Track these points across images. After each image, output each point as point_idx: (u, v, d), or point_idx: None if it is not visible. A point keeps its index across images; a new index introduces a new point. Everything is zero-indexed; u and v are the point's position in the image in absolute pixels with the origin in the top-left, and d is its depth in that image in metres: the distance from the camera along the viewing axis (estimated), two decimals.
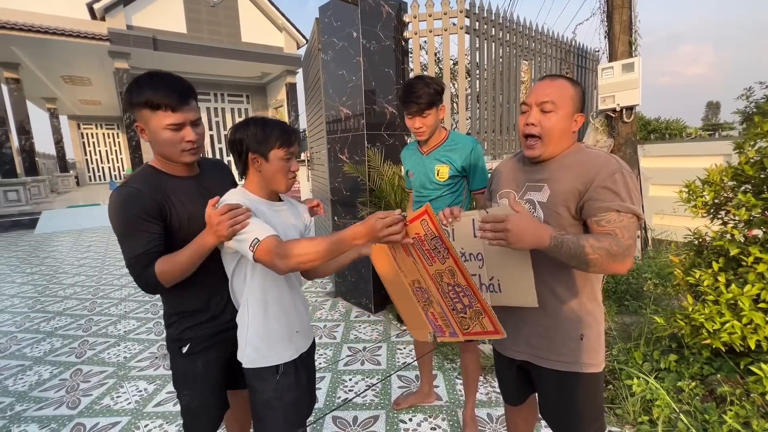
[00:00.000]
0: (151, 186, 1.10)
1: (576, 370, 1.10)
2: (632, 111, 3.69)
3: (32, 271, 5.18)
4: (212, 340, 1.23)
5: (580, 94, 1.08)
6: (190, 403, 1.25)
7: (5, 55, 9.06)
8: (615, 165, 1.02)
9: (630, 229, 0.97)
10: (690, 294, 2.03)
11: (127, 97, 1.07)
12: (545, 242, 0.94)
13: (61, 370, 2.61)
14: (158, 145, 1.09)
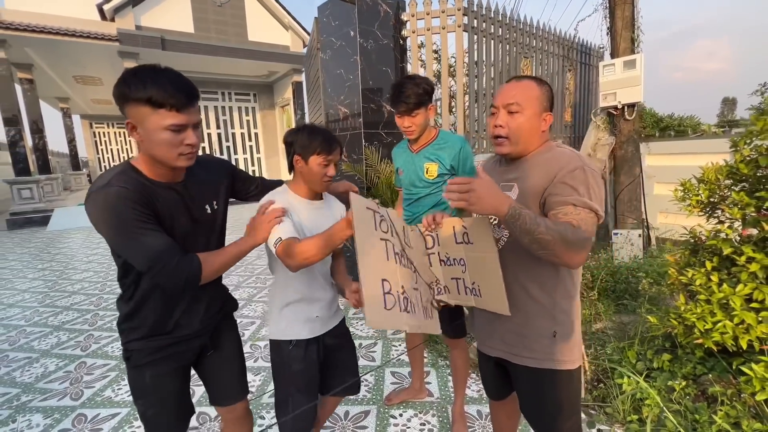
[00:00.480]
0: (138, 186, 0.99)
1: (548, 366, 1.12)
2: (634, 108, 3.65)
3: (43, 267, 5.32)
4: (159, 354, 1.14)
5: (548, 93, 1.10)
6: (146, 413, 1.19)
7: (19, 56, 9.27)
8: (577, 162, 1.03)
9: (587, 223, 0.96)
10: (683, 293, 2.02)
11: (123, 89, 0.94)
12: (503, 209, 0.94)
13: (67, 362, 2.69)
14: (153, 145, 0.97)
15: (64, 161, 17.45)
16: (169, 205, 1.05)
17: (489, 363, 1.33)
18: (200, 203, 1.15)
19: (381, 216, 1.10)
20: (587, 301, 3.00)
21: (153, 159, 1.01)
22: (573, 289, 1.14)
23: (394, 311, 0.99)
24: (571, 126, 4.78)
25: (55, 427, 2.02)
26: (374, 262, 1.02)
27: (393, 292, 1.02)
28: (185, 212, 1.10)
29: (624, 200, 3.86)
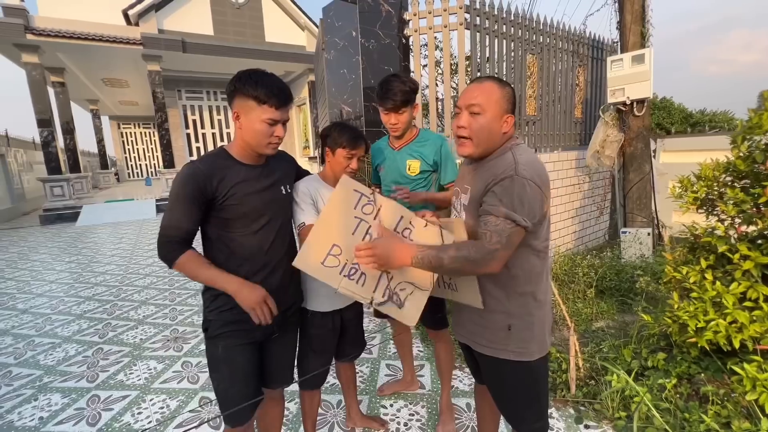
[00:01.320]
0: (215, 168, 1.18)
1: (503, 357, 1.16)
2: (643, 104, 3.57)
3: (70, 260, 5.64)
4: (230, 327, 1.26)
5: (509, 95, 1.12)
6: (218, 387, 1.29)
7: (52, 60, 9.80)
8: (509, 171, 1.02)
9: (501, 234, 0.99)
10: (677, 291, 1.99)
11: (238, 85, 1.15)
12: (407, 261, 1.06)
13: (85, 348, 2.88)
14: (250, 133, 1.18)
15: (93, 160, 18.28)
16: (249, 180, 1.24)
17: (464, 348, 1.39)
18: (277, 184, 1.33)
19: (369, 200, 1.22)
20: (588, 300, 2.98)
21: (246, 144, 1.23)
22: (529, 287, 1.15)
23: (332, 270, 1.17)
24: (581, 122, 4.69)
25: (71, 406, 2.18)
26: (334, 229, 1.18)
27: (339, 257, 1.18)
28: (267, 188, 1.29)
29: (633, 198, 3.78)
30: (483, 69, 3.45)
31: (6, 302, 3.96)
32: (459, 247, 1.02)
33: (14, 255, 6.13)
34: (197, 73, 12.28)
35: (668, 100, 13.61)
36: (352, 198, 1.21)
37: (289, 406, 2.08)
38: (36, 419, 2.08)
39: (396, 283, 1.23)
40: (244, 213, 1.23)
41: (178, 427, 1.96)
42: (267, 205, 1.28)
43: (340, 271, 1.18)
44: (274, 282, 1.30)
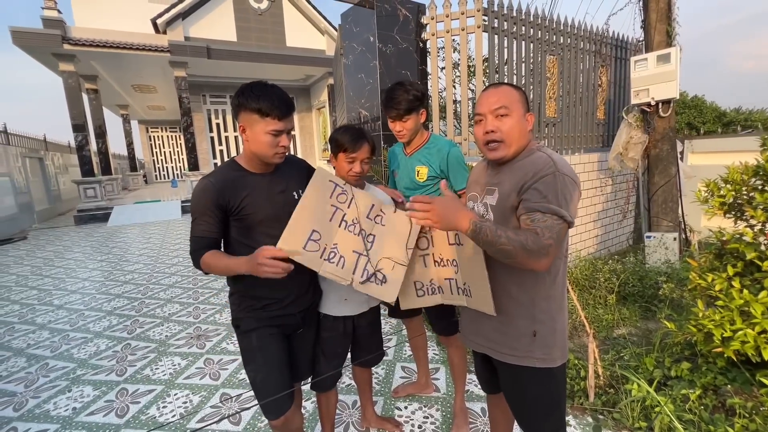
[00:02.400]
0: (227, 181, 1.26)
1: (527, 364, 1.15)
2: (669, 105, 3.46)
3: (102, 258, 5.92)
4: (264, 322, 1.34)
5: (524, 96, 1.16)
6: (255, 378, 1.33)
7: (86, 68, 10.31)
8: (549, 167, 1.04)
9: (552, 230, 0.98)
10: (702, 299, 1.92)
11: (241, 100, 1.21)
12: (464, 225, 1.01)
13: (115, 343, 3.02)
14: (256, 144, 1.23)
15: (123, 163, 19.07)
16: (260, 188, 1.31)
17: (477, 358, 1.38)
18: (289, 189, 1.37)
19: (342, 190, 1.32)
20: (609, 306, 2.90)
21: (253, 155, 1.28)
22: (554, 290, 1.16)
23: (313, 254, 1.24)
24: (603, 124, 4.58)
25: (102, 398, 2.30)
26: (311, 216, 1.26)
27: (319, 242, 1.25)
28: (278, 194, 1.34)
29: (658, 201, 3.66)
30: (501, 71, 3.43)
31: (44, 298, 4.20)
32: (517, 232, 0.99)
33: (51, 253, 6.48)
34: (221, 78, 12.64)
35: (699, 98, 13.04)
36: (327, 187, 1.31)
37: (305, 405, 2.13)
38: (70, 409, 2.21)
39: (377, 259, 1.31)
40: (259, 220, 1.29)
41: (201, 421, 2.04)
42: (281, 210, 1.30)
43: (320, 255, 1.25)
44: (296, 283, 1.37)
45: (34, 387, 2.46)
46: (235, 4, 11.40)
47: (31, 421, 2.13)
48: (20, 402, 2.31)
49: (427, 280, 1.36)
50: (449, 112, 3.60)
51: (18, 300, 4.18)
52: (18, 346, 3.07)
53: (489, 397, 1.52)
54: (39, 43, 8.63)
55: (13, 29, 8.38)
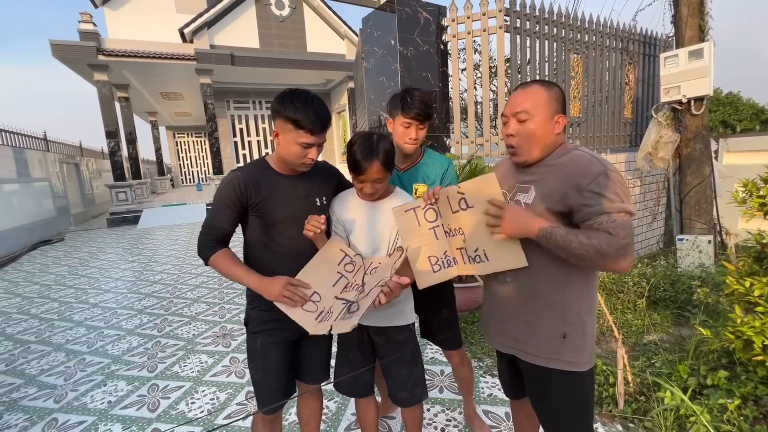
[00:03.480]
0: (252, 177, 1.29)
1: (556, 366, 1.12)
2: (702, 102, 3.32)
3: (132, 259, 6.16)
4: (268, 325, 1.37)
5: (557, 96, 1.10)
6: (254, 376, 1.42)
7: (118, 78, 10.81)
8: (599, 166, 1.03)
9: (624, 227, 0.96)
10: (740, 305, 1.83)
11: (280, 107, 1.22)
12: (534, 231, 1.03)
13: (146, 340, 3.14)
14: (286, 151, 1.27)
15: (152, 167, 19.83)
16: (284, 188, 1.33)
17: (503, 361, 1.35)
18: (312, 195, 1.39)
19: (351, 260, 1.36)
20: (638, 311, 2.81)
21: (282, 159, 1.32)
22: (586, 292, 1.13)
23: (308, 315, 1.26)
24: (631, 123, 4.44)
25: (134, 392, 2.40)
26: (317, 278, 1.31)
27: (318, 305, 1.29)
28: (300, 196, 1.36)
29: (691, 203, 3.52)
30: (523, 71, 3.38)
31: (80, 296, 4.41)
32: (589, 236, 0.97)
33: (86, 254, 6.80)
34: (244, 84, 12.99)
35: (735, 95, 12.44)
36: (337, 256, 1.36)
37: (329, 405, 2.15)
38: (105, 403, 2.31)
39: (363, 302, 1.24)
40: (277, 220, 1.32)
41: (227, 418, 2.10)
42: (300, 214, 1.30)
43: (316, 317, 1.25)
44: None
45: (73, 380, 2.59)
46: (258, 11, 11.71)
47: (70, 412, 2.24)
48: (60, 394, 2.43)
49: (441, 252, 1.27)
50: (470, 113, 3.58)
51: (57, 298, 4.41)
52: (57, 341, 3.23)
53: (513, 403, 1.49)
54: (76, 55, 9.11)
55: (53, 42, 8.87)
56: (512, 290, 1.19)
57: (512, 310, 1.20)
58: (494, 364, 2.45)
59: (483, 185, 1.15)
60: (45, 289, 4.79)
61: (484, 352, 2.57)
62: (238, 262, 1.29)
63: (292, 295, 1.23)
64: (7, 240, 7.10)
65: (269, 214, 1.31)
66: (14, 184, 7.90)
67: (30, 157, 8.68)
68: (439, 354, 2.62)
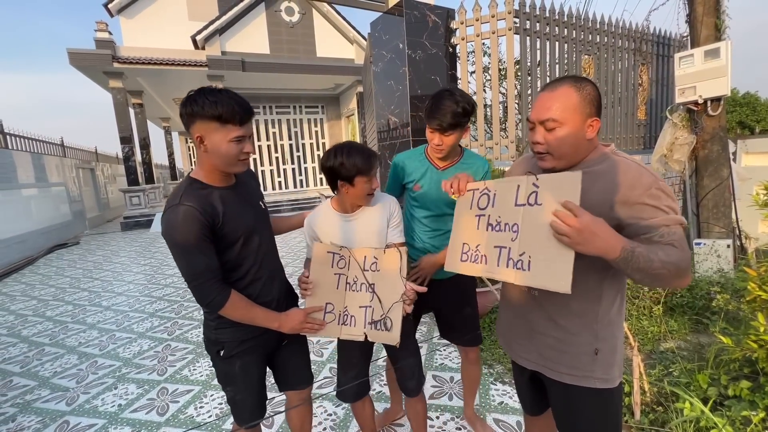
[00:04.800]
0: (202, 201, 1.14)
1: (587, 385, 1.06)
2: (719, 102, 3.23)
3: (145, 263, 6.25)
4: (246, 345, 1.30)
5: (590, 96, 0.98)
6: (234, 397, 1.37)
7: (132, 84, 11.04)
8: (649, 177, 0.96)
9: (684, 240, 0.92)
10: (764, 312, 1.76)
11: (195, 108, 1.10)
12: (614, 254, 0.85)
13: (156, 344, 3.17)
14: (218, 155, 1.14)
15: (165, 172, 20.16)
16: (231, 202, 1.22)
17: (524, 376, 1.27)
18: (254, 200, 1.34)
19: (340, 256, 1.41)
20: (654, 317, 2.73)
21: (213, 167, 1.19)
22: (617, 305, 1.07)
23: (331, 325, 1.39)
24: (645, 124, 4.35)
25: (144, 396, 2.41)
26: (324, 291, 1.40)
27: (335, 312, 1.39)
28: (247, 205, 1.29)
29: (708, 206, 3.42)
30: (533, 73, 3.34)
31: (93, 299, 4.49)
32: (667, 252, 0.88)
33: (100, 258, 6.93)
34: (255, 89, 13.13)
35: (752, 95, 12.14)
36: (327, 260, 1.40)
37: (336, 411, 2.13)
38: (116, 406, 2.33)
39: (381, 307, 1.37)
40: (238, 235, 1.22)
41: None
42: (253, 222, 1.28)
43: (338, 321, 1.39)
44: (275, 290, 1.37)
45: (85, 383, 2.62)
46: (268, 18, 11.87)
47: (81, 415, 2.26)
48: (72, 397, 2.46)
49: (474, 244, 1.14)
50: (480, 116, 3.55)
51: (71, 301, 4.49)
52: (71, 344, 3.28)
53: (529, 419, 1.41)
54: (92, 63, 9.33)
55: (70, 51, 9.11)
56: (540, 303, 1.12)
57: (539, 324, 1.12)
58: (505, 371, 2.40)
59: (562, 182, 0.95)
60: (60, 292, 4.89)
61: (495, 359, 2.52)
62: (252, 303, 1.23)
63: (312, 326, 1.33)
64: (25, 243, 7.27)
65: (233, 232, 1.20)
66: (32, 189, 8.11)
67: (48, 163, 8.90)
68: (449, 360, 2.59)
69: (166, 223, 1.11)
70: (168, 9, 11.59)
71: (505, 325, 1.28)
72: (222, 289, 1.17)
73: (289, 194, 13.68)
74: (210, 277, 1.14)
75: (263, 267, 1.32)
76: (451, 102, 1.45)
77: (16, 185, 7.48)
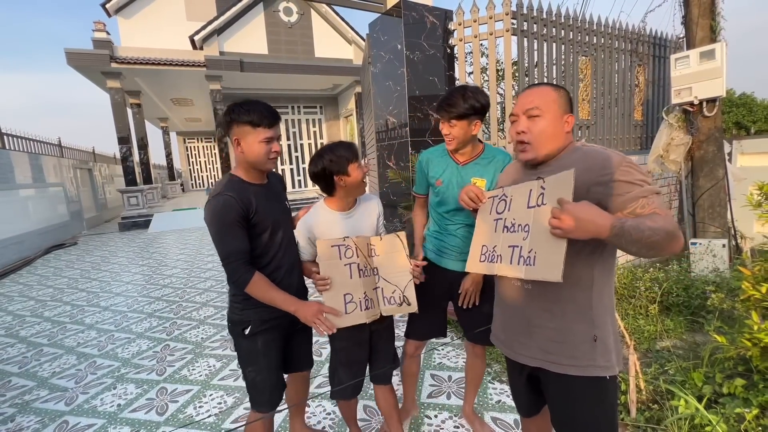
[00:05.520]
0: (240, 193, 1.35)
1: (591, 374, 1.07)
2: (715, 103, 3.26)
3: (143, 263, 6.24)
4: (268, 324, 1.46)
5: (565, 96, 1.12)
6: (255, 378, 1.48)
7: (130, 85, 11.01)
8: (617, 156, 1.04)
9: (664, 205, 0.96)
10: (758, 311, 1.78)
11: (233, 116, 1.34)
12: (606, 232, 0.90)
13: (155, 344, 3.17)
14: (251, 154, 1.36)
15: (162, 172, 20.11)
16: (262, 197, 1.43)
17: (521, 377, 1.27)
18: (280, 198, 1.55)
19: (346, 246, 1.45)
20: (650, 316, 2.75)
21: (249, 165, 1.41)
22: (607, 288, 1.10)
23: (354, 312, 1.44)
24: (641, 125, 4.38)
25: (143, 396, 2.42)
26: (339, 283, 1.44)
27: (355, 300, 1.44)
28: (275, 202, 1.50)
29: (704, 206, 3.45)
30: (531, 74, 3.36)
31: (92, 300, 4.48)
32: (653, 219, 0.91)
33: (98, 258, 6.91)
34: (253, 89, 13.12)
35: (748, 95, 12.22)
36: (334, 253, 1.44)
37: (335, 410, 2.14)
38: (115, 406, 2.33)
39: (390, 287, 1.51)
40: (266, 226, 1.42)
41: (234, 422, 2.10)
42: (279, 216, 1.48)
43: (360, 308, 1.45)
44: (294, 279, 1.54)
45: (83, 383, 2.62)
46: (267, 18, 11.87)
47: (80, 415, 2.26)
48: (71, 397, 2.46)
49: (492, 245, 1.22)
50: None
51: (69, 301, 4.49)
52: (69, 344, 3.28)
53: (525, 420, 1.42)
54: (89, 63, 9.31)
55: (67, 51, 9.09)
56: (533, 296, 1.13)
57: (536, 317, 1.13)
58: (502, 370, 2.42)
59: (559, 181, 1.02)
60: (58, 293, 4.88)
61: (493, 358, 2.54)
62: (274, 286, 1.37)
63: (321, 324, 1.36)
64: (23, 244, 7.25)
65: (262, 222, 1.40)
66: (30, 190, 8.09)
67: (45, 163, 8.88)
68: (447, 359, 2.60)
69: (208, 209, 1.33)
70: (166, 9, 11.58)
71: (500, 326, 1.29)
72: (248, 270, 1.34)
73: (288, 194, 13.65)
74: (240, 257, 1.33)
75: (285, 256, 1.49)
76: (460, 96, 1.53)
77: (14, 185, 7.45)
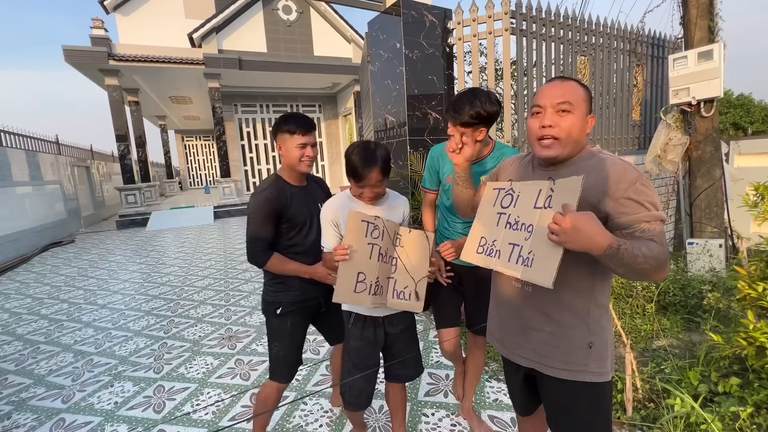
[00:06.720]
0: (279, 192, 1.59)
1: (583, 379, 1.07)
2: (712, 104, 3.28)
3: (141, 261, 6.23)
4: (297, 306, 1.67)
5: (590, 96, 1.08)
6: (279, 353, 1.69)
7: (128, 82, 10.97)
8: (633, 173, 0.99)
9: (663, 235, 0.94)
10: (754, 310, 1.79)
11: (277, 127, 1.62)
12: (599, 251, 0.89)
13: (152, 342, 3.17)
14: (289, 157, 1.61)
15: (160, 170, 20.07)
16: (299, 197, 1.66)
17: (518, 376, 1.27)
18: (316, 200, 1.72)
19: (375, 226, 1.43)
20: (647, 315, 2.76)
21: (290, 167, 1.65)
22: (604, 297, 1.10)
23: (362, 294, 1.41)
24: (639, 125, 4.39)
25: (141, 393, 2.41)
26: (357, 259, 1.40)
27: (367, 281, 1.42)
28: (309, 203, 1.69)
29: (701, 206, 3.46)
30: (530, 74, 3.37)
31: (89, 298, 4.47)
32: (649, 247, 0.92)
33: (95, 256, 6.89)
34: (252, 88, 13.10)
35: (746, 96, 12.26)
36: (362, 228, 1.41)
37: (333, 408, 2.15)
38: (112, 404, 2.33)
39: (403, 279, 1.49)
40: (298, 222, 1.64)
41: (231, 420, 2.10)
42: (311, 215, 1.67)
43: (369, 292, 1.42)
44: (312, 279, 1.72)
45: (80, 381, 2.62)
46: (266, 16, 11.83)
47: (77, 413, 2.26)
48: (68, 395, 2.46)
49: (492, 239, 1.20)
50: None
51: (66, 299, 4.47)
52: (66, 342, 3.27)
53: (521, 419, 1.42)
54: (87, 60, 9.26)
55: (65, 48, 9.04)
56: (532, 298, 1.13)
57: (533, 320, 1.13)
58: (499, 368, 2.42)
59: (568, 186, 1.00)
60: (55, 291, 4.86)
61: (490, 357, 2.54)
62: (288, 260, 1.62)
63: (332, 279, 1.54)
64: (19, 242, 7.22)
65: (293, 219, 1.62)
66: (27, 187, 8.05)
67: (42, 161, 8.84)
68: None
69: (252, 200, 1.58)
70: (164, 6, 11.54)
71: (496, 324, 1.29)
72: (265, 254, 1.59)
73: None
74: (261, 244, 1.59)
75: (312, 247, 1.67)
76: (468, 104, 1.46)
77: (11, 183, 7.42)
